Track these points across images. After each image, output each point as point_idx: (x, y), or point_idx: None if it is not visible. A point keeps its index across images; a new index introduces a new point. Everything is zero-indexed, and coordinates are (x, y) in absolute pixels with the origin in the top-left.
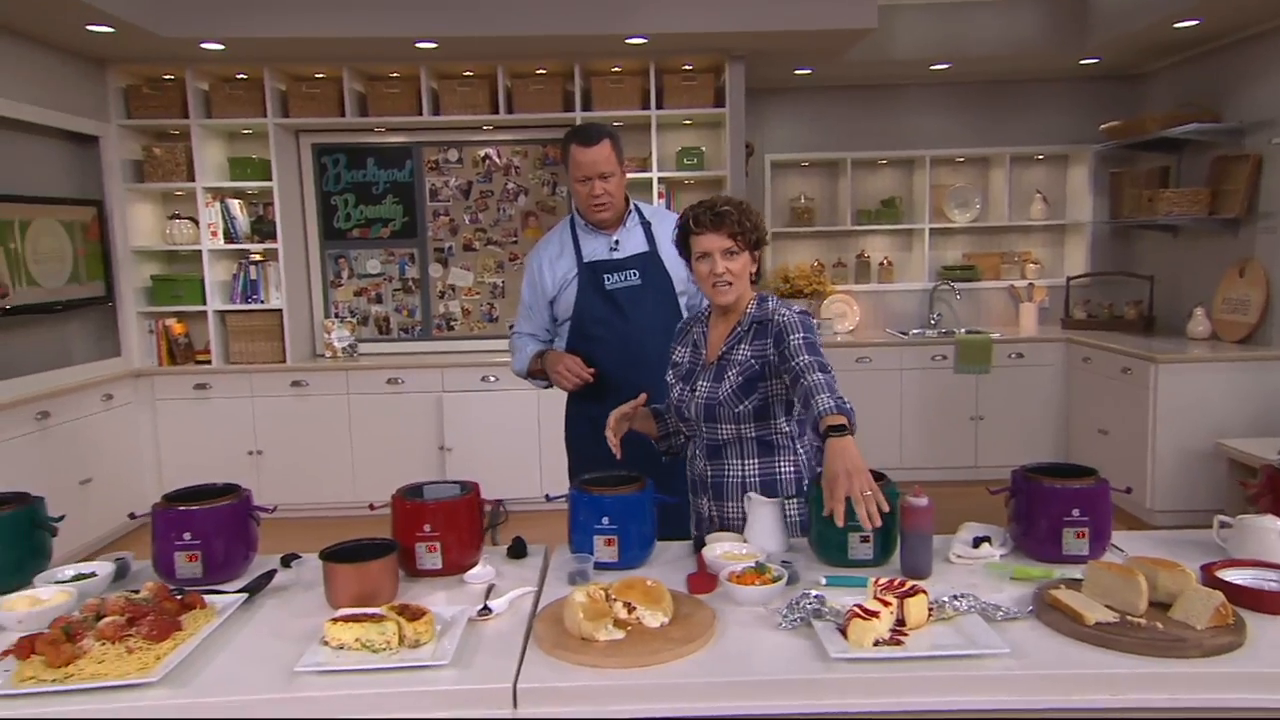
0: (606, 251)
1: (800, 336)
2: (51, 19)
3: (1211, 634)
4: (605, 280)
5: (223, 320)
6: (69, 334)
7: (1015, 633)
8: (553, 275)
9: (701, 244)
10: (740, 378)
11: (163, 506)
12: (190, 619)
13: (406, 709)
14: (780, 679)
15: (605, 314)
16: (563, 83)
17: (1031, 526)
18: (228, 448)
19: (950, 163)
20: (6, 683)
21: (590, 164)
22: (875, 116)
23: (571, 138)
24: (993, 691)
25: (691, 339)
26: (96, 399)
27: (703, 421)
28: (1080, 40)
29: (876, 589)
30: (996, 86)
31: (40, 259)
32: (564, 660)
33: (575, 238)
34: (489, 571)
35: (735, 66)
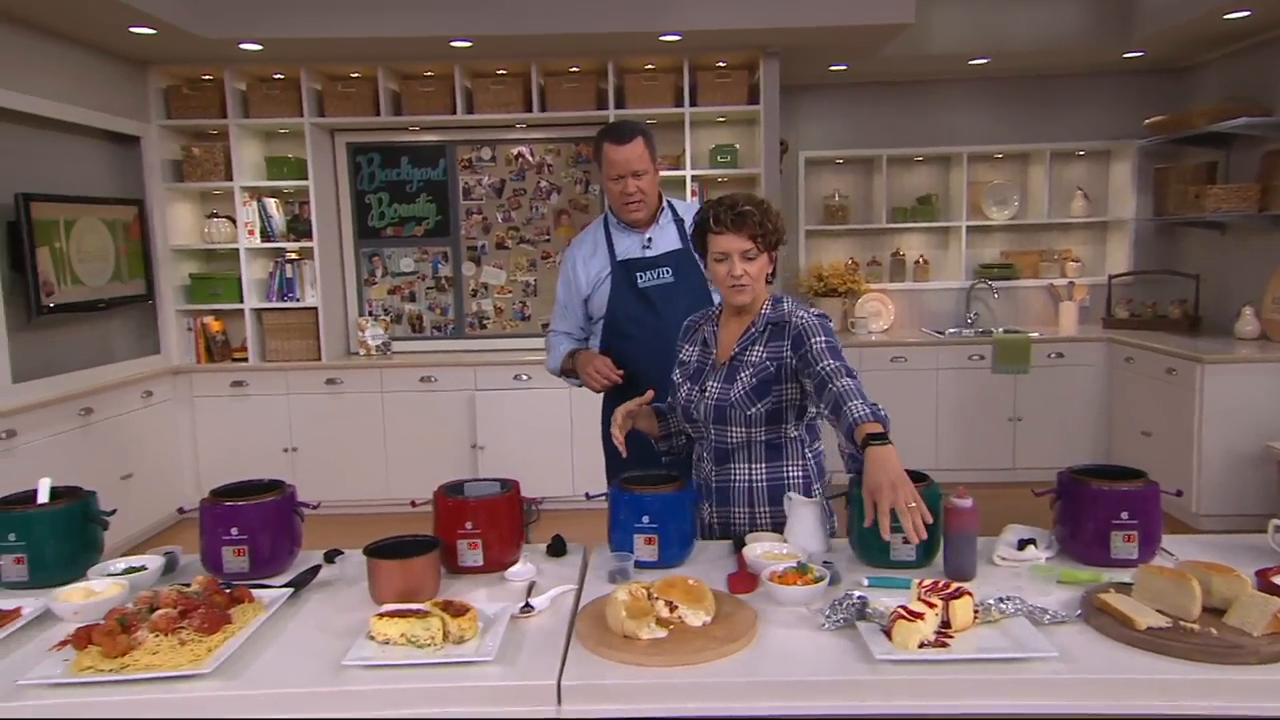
0: (639, 249)
1: (822, 340)
2: (95, 21)
3: (1269, 640)
4: (638, 278)
5: (259, 318)
6: (110, 331)
7: (1063, 637)
8: (586, 274)
9: (720, 244)
10: (754, 380)
11: (210, 502)
12: (239, 612)
13: (451, 704)
14: (825, 680)
15: (638, 312)
16: (596, 80)
17: (1078, 529)
18: (264, 444)
19: (988, 159)
20: (65, 672)
21: (623, 162)
22: (911, 113)
23: (604, 136)
24: (1041, 696)
25: (700, 337)
26: (137, 396)
27: (712, 423)
28: (1124, 33)
29: (921, 590)
30: (1036, 81)
31: (84, 258)
32: (607, 658)
33: (609, 236)
34: (530, 569)
35: (770, 63)
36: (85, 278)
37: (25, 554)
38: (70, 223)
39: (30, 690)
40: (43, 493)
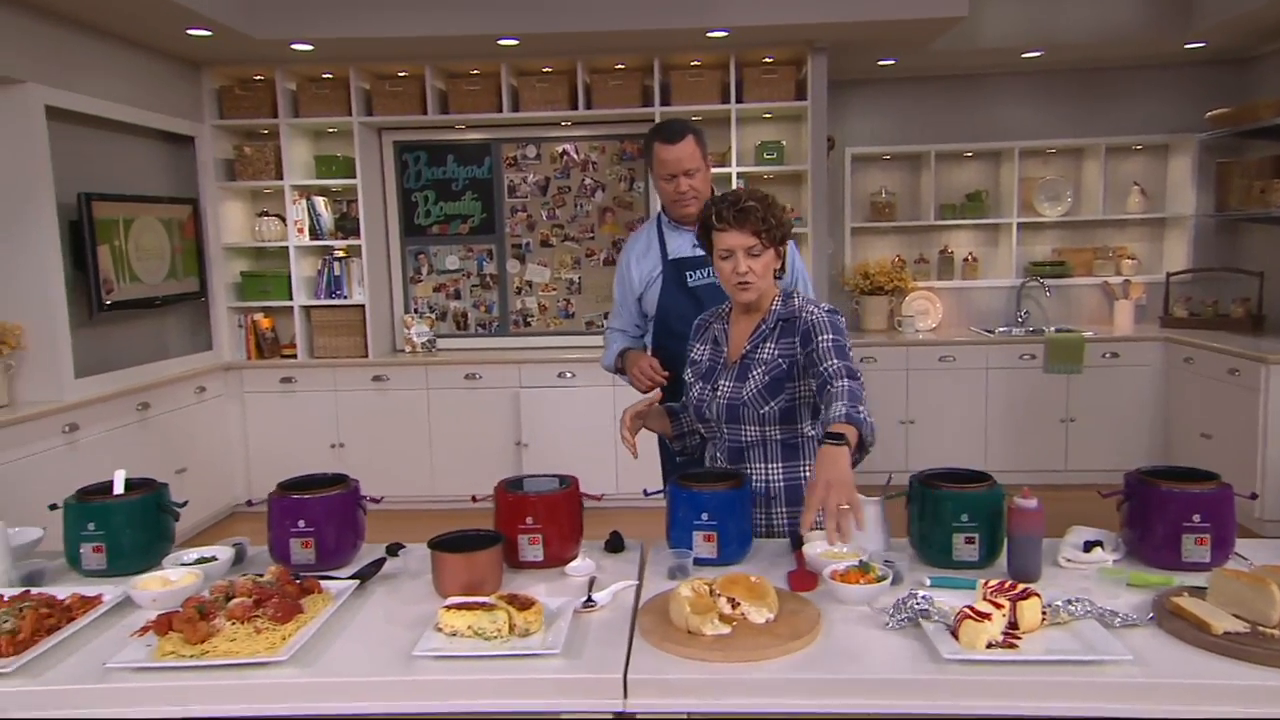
0: (690, 248)
1: (830, 338)
2: (154, 24)
3: None
4: (688, 277)
5: (308, 315)
6: (165, 328)
7: (1136, 640)
8: (639, 272)
9: (724, 241)
10: (766, 377)
11: (278, 495)
12: (310, 602)
13: (519, 695)
14: (893, 679)
15: (688, 311)
16: (641, 78)
17: (1148, 532)
18: (311, 440)
19: (1040, 154)
20: (149, 656)
21: (674, 161)
22: (961, 107)
23: (654, 135)
24: (1116, 699)
25: (711, 336)
26: (191, 391)
27: (725, 423)
28: (1185, 23)
29: (986, 591)
30: (1092, 74)
31: (142, 256)
32: (671, 653)
33: (661, 235)
34: (589, 565)
35: (818, 58)
36: (143, 275)
37: (104, 543)
38: (129, 221)
39: (117, 673)
40: (118, 484)
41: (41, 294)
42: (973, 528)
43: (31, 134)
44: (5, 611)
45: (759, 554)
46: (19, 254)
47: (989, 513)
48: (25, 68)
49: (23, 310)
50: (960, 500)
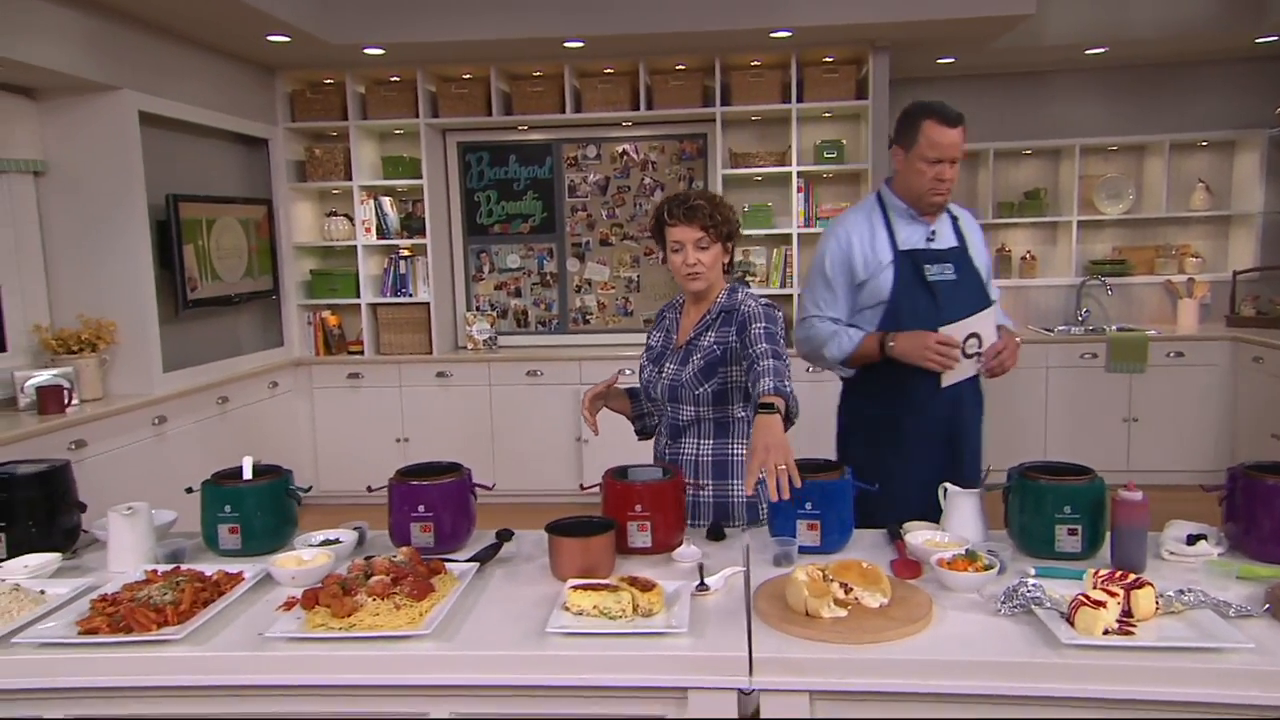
0: (923, 240)
1: (761, 326)
2: (237, 31)
3: None
4: (926, 271)
5: (374, 313)
6: (240, 325)
7: (1253, 630)
8: (863, 257)
9: (675, 235)
10: (702, 362)
11: (398, 481)
12: (439, 582)
13: (650, 671)
14: (1016, 661)
15: (924, 308)
16: (702, 78)
17: (1254, 525)
18: (377, 434)
19: (1102, 152)
20: (301, 628)
21: (950, 145)
22: (1020, 105)
23: (926, 113)
24: (1238, 686)
25: (665, 324)
26: (264, 386)
27: (667, 402)
28: (1257, 18)
29: (1097, 580)
30: (1157, 70)
31: (222, 255)
32: (791, 634)
33: (888, 221)
34: (696, 551)
35: (879, 57)
36: (223, 274)
37: (239, 524)
38: (211, 222)
39: (273, 642)
40: (246, 470)
41: (133, 292)
42: (1075, 519)
43: (126, 138)
44: (163, 585)
45: (858, 543)
46: (113, 253)
47: (1092, 505)
48: (121, 75)
49: (115, 307)
50: (1064, 493)
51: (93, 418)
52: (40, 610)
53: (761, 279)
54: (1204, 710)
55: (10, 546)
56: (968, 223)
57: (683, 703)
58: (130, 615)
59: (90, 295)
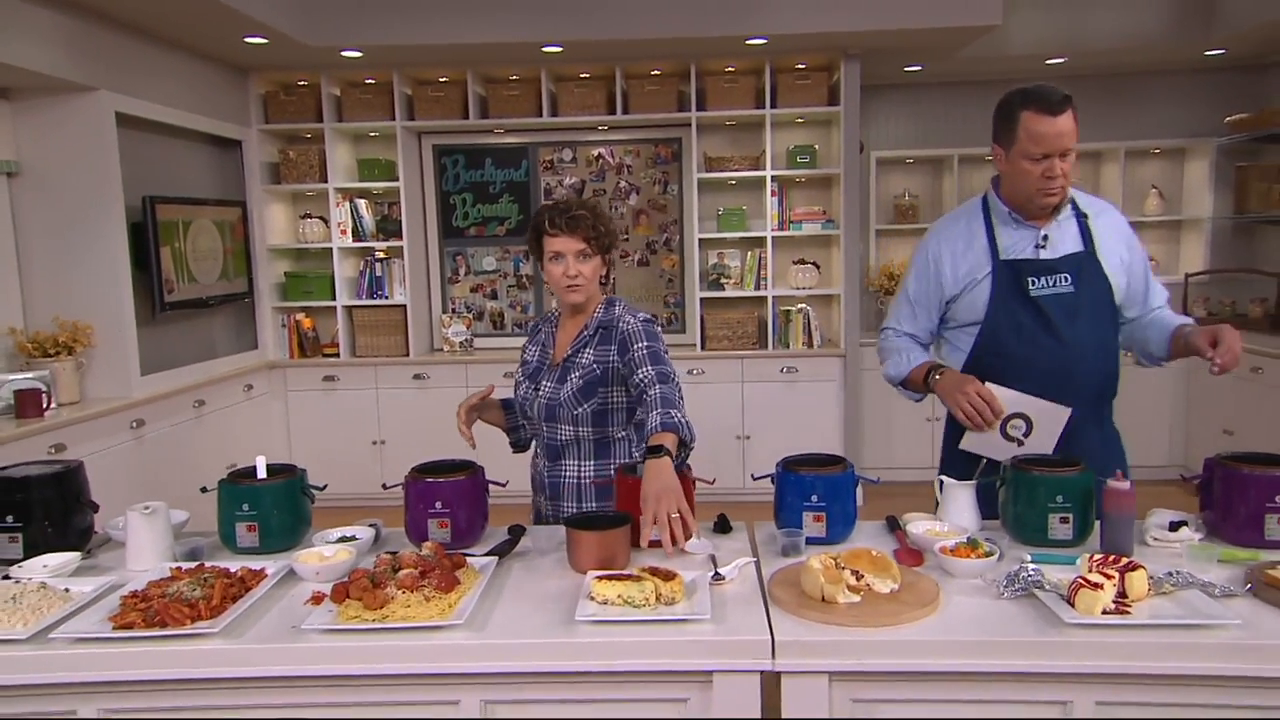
0: (1031, 248)
1: (644, 346)
2: (215, 32)
3: None
4: (1030, 284)
5: (350, 315)
6: (215, 327)
7: (1238, 607)
8: (955, 271)
9: (555, 245)
10: (581, 381)
11: (414, 479)
12: (462, 575)
13: (677, 656)
14: (1023, 640)
15: (1028, 324)
16: (677, 83)
17: (1230, 512)
18: (353, 437)
19: None
20: (334, 620)
21: (1054, 136)
22: (982, 112)
23: (1024, 102)
24: (1228, 659)
25: (540, 338)
26: (239, 389)
27: (543, 421)
28: (1206, 31)
29: (1092, 564)
30: (1113, 80)
31: (198, 257)
32: (808, 619)
33: (990, 227)
34: (707, 544)
35: (850, 65)
36: (199, 276)
37: (256, 522)
38: (187, 223)
39: (308, 634)
40: (260, 469)
41: (110, 294)
42: (1067, 508)
43: (103, 139)
44: (190, 581)
45: (859, 534)
46: (89, 255)
47: (1082, 494)
48: (98, 75)
49: (92, 310)
50: (1056, 483)
51: (71, 421)
52: (69, 607)
53: (736, 281)
54: (1198, 683)
55: (27, 546)
56: (1103, 221)
57: (707, 686)
58: (164, 610)
59: (66, 297)
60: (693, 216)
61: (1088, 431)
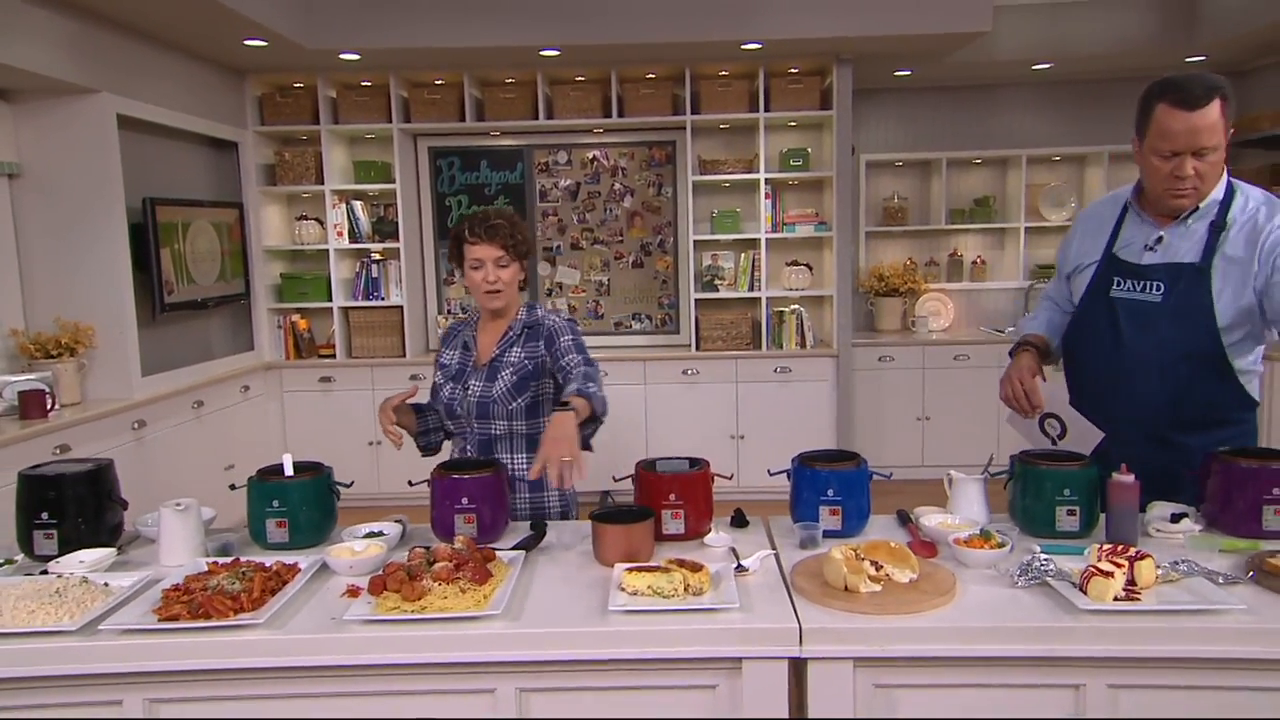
0: (1141, 249)
1: (569, 338)
2: (215, 35)
3: None
4: (1115, 283)
5: (345, 316)
6: (213, 328)
7: (1241, 594)
8: (1079, 249)
9: (476, 253)
10: (514, 377)
11: (440, 475)
12: (494, 568)
13: (709, 643)
14: (1041, 626)
15: (1100, 327)
16: (672, 87)
17: (1229, 504)
18: (349, 437)
19: (1046, 162)
20: (373, 611)
21: (1187, 133)
22: (970, 116)
23: (1161, 93)
24: (1235, 642)
25: (461, 341)
26: (237, 390)
27: (475, 418)
28: (1188, 38)
29: (1101, 554)
30: (1097, 85)
31: (197, 258)
32: (832, 607)
33: (1121, 216)
34: (726, 537)
35: (843, 69)
36: (198, 277)
37: (287, 519)
38: (186, 225)
39: (350, 625)
40: (288, 467)
41: (111, 295)
42: (1074, 501)
43: (105, 141)
44: (229, 575)
45: (872, 528)
46: (90, 256)
47: (1088, 487)
48: (100, 78)
49: (93, 311)
50: (1063, 477)
51: (75, 422)
52: (111, 601)
53: (730, 282)
54: (1206, 665)
55: (61, 543)
56: (1256, 236)
57: (736, 673)
58: (208, 603)
59: (67, 298)
60: (687, 218)
61: (1142, 452)
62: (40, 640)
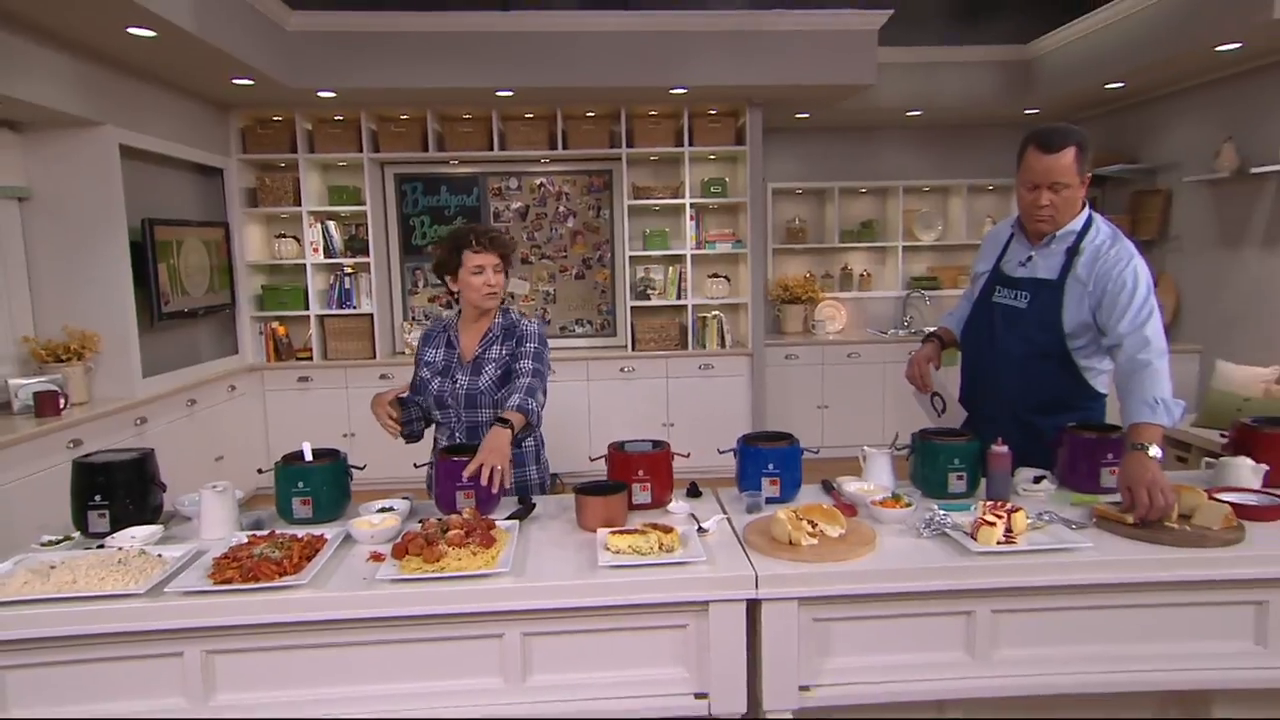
0: (1016, 265)
1: (533, 345)
2: (209, 74)
3: (1223, 533)
4: (996, 292)
5: (321, 323)
6: (202, 335)
7: (1088, 535)
8: (984, 259)
9: (478, 260)
10: (498, 372)
11: (444, 458)
12: (496, 535)
13: (682, 590)
14: (944, 565)
15: (981, 325)
16: (609, 124)
17: (1075, 468)
18: (326, 430)
19: (918, 191)
20: (398, 571)
21: (1044, 171)
22: (857, 152)
23: (1031, 138)
24: (1088, 571)
25: (445, 340)
26: (224, 390)
27: (464, 409)
28: (1026, 94)
29: (985, 509)
30: (957, 130)
31: (190, 272)
32: (780, 558)
33: (1011, 236)
34: (685, 505)
35: (754, 112)
36: (190, 289)
37: (310, 497)
38: (180, 243)
39: (381, 584)
40: (307, 452)
41: (114, 306)
42: (962, 468)
43: (109, 169)
44: (269, 545)
45: (803, 494)
46: (96, 271)
47: (972, 458)
48: (104, 111)
49: (98, 320)
50: (955, 450)
51: (85, 420)
52: (169, 569)
53: (660, 292)
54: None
55: (112, 521)
56: (1095, 266)
57: (703, 614)
58: (256, 568)
59: (73, 309)
60: (623, 237)
61: (1007, 429)
62: (113, 602)
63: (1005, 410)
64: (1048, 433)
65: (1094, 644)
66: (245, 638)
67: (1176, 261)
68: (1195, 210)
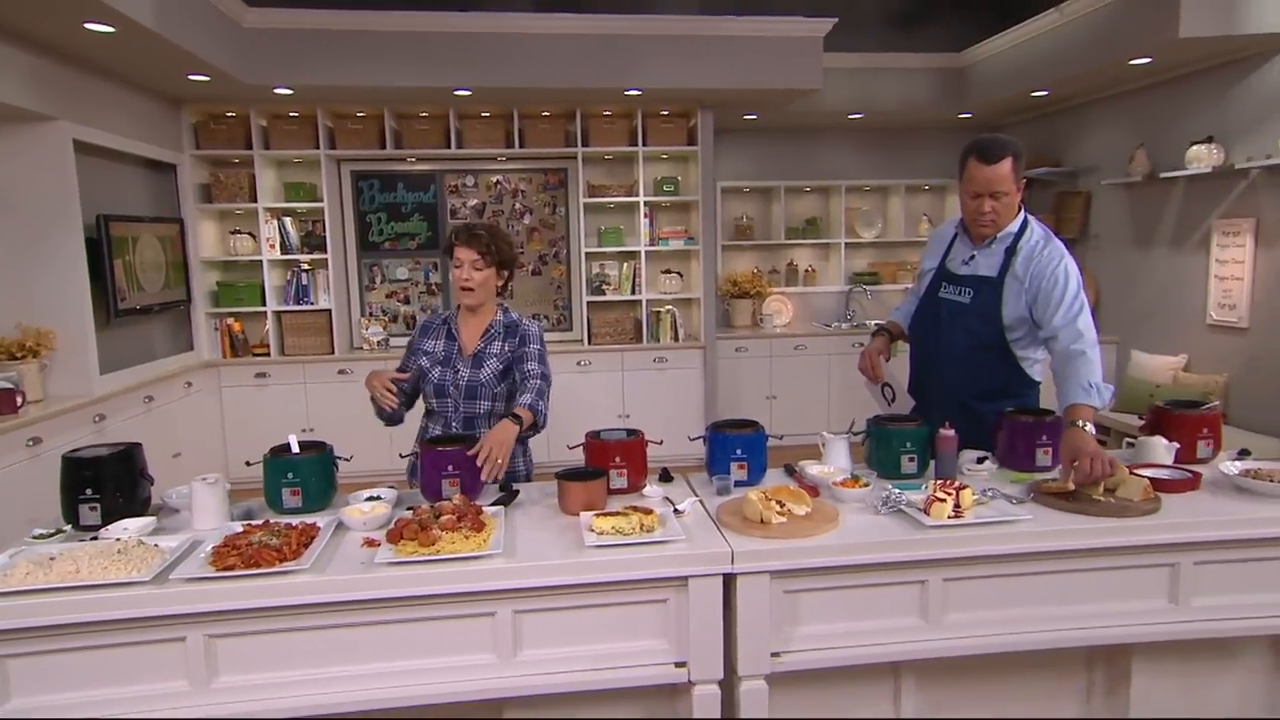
0: (960, 263)
1: (536, 347)
2: (163, 69)
3: (1143, 504)
4: (943, 288)
5: (279, 319)
6: (156, 331)
7: (1028, 508)
8: (930, 257)
9: (458, 255)
10: (500, 366)
11: (428, 448)
12: (485, 519)
13: (663, 566)
14: (901, 538)
15: (928, 319)
16: (565, 123)
17: (1014, 449)
18: (284, 426)
19: (859, 191)
20: (395, 555)
21: (984, 180)
22: (803, 153)
23: (971, 149)
24: (1027, 541)
25: (446, 331)
26: (180, 386)
27: (464, 399)
28: (960, 101)
29: (936, 488)
30: (895, 133)
31: (145, 269)
32: (751, 534)
33: (955, 236)
34: (659, 489)
35: (705, 113)
36: (146, 285)
37: (299, 488)
38: (135, 239)
39: (379, 567)
40: (294, 445)
41: (70, 302)
42: (914, 451)
43: (63, 164)
44: (266, 533)
45: (768, 478)
46: (50, 268)
47: (922, 441)
48: (57, 106)
49: (54, 316)
50: (906, 434)
51: (42, 417)
52: (169, 558)
53: (615, 287)
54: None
55: (103, 514)
56: (1030, 265)
57: (683, 589)
58: (258, 554)
59: (29, 305)
60: (578, 234)
61: (952, 414)
62: (118, 590)
63: (950, 397)
64: (989, 417)
65: (1032, 606)
66: (246, 621)
67: (1095, 258)
68: (1112, 211)
